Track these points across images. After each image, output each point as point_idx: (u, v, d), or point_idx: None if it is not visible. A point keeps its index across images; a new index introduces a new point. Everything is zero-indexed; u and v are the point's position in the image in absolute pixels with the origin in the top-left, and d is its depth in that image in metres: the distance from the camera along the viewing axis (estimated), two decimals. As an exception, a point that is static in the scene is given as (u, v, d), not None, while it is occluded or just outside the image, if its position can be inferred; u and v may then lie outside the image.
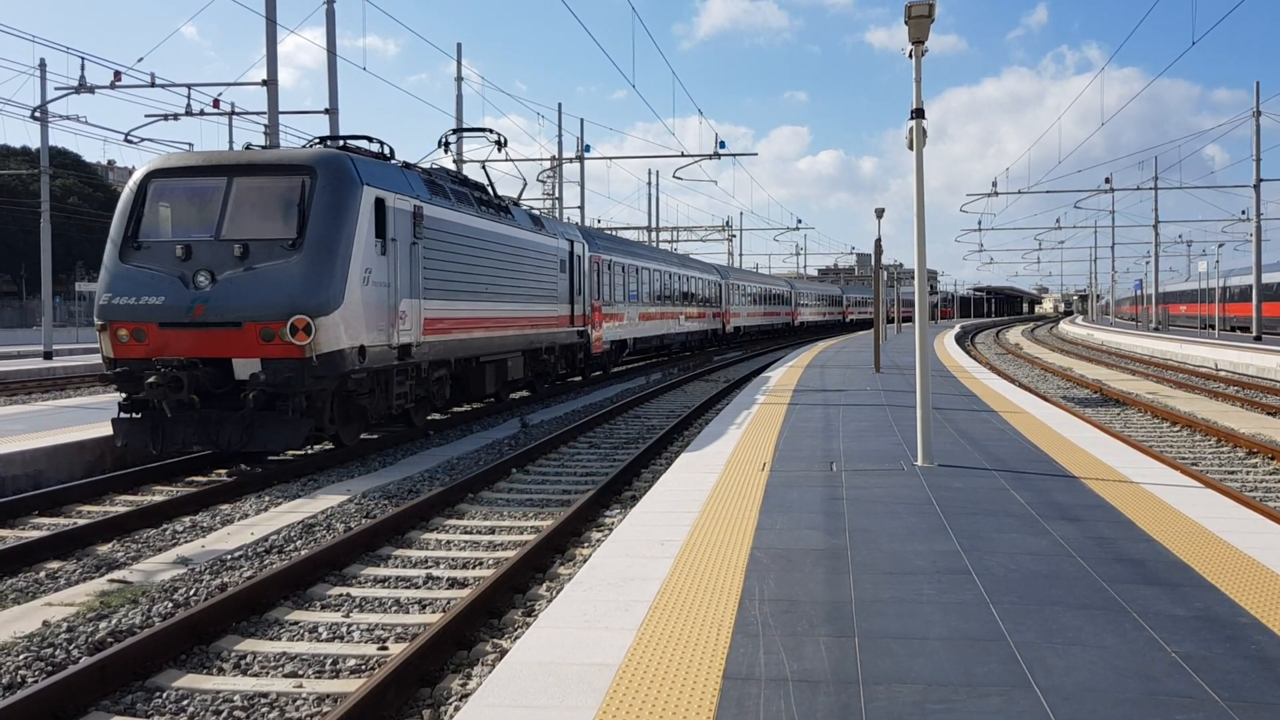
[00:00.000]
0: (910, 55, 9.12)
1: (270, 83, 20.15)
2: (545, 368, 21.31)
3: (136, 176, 12.70)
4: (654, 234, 55.20)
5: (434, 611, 6.92)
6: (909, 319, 59.22)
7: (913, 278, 10.94)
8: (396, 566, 8.14)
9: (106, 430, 12.19)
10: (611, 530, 7.75)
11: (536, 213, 21.78)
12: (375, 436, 14.96)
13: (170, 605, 7.03)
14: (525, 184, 22.25)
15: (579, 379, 25.38)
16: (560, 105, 42.58)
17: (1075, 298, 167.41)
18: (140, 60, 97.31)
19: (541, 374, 21.57)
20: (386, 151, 14.60)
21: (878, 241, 25.67)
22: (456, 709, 5.16)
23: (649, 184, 54.26)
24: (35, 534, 9.09)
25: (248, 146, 15.48)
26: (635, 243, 38.69)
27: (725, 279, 44.27)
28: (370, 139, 14.57)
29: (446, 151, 20.62)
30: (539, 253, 19.81)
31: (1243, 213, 53.14)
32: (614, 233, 52.17)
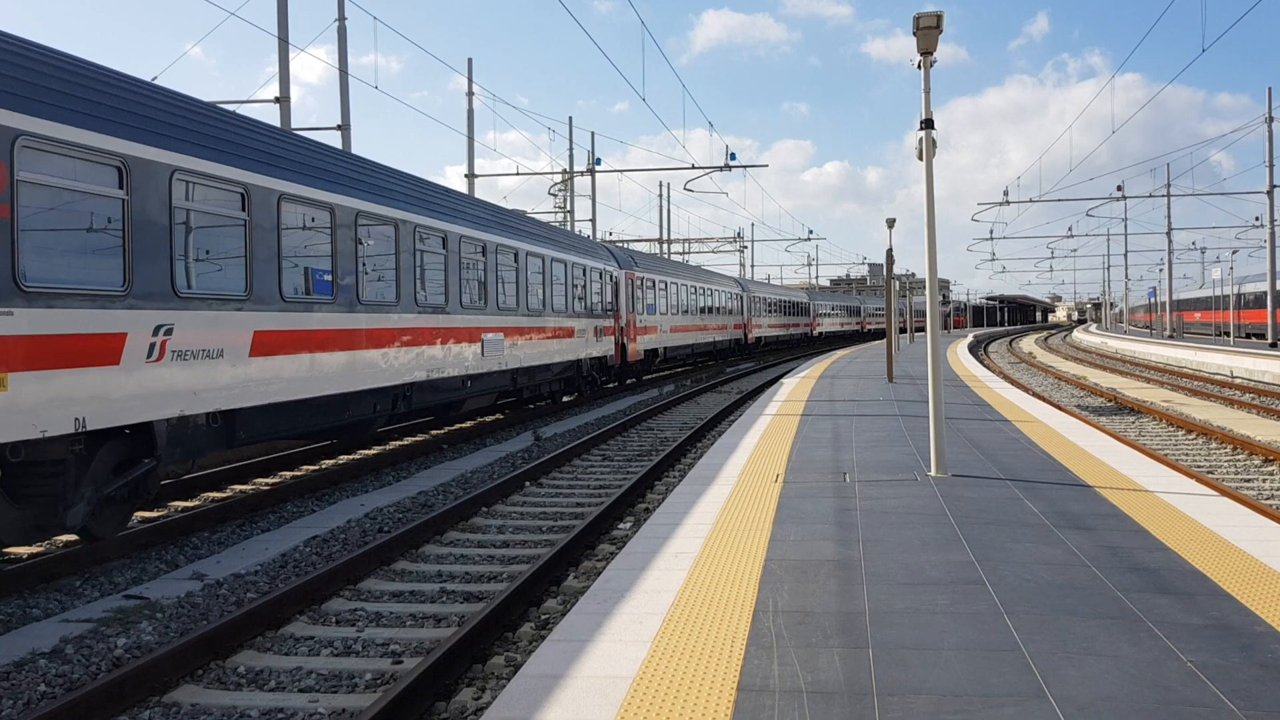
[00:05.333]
0: (919, 66, 9.14)
1: (283, 100, 20.29)
2: None
3: None
4: (666, 246, 55.14)
5: (448, 625, 6.94)
6: (921, 328, 58.97)
7: (924, 287, 10.92)
8: (411, 580, 8.17)
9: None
10: (624, 543, 7.75)
11: None
12: (389, 449, 15.02)
13: (186, 621, 7.08)
14: None
15: None
16: (571, 119, 42.45)
17: (1089, 306, 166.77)
18: (154, 79, 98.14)
19: None
20: None
21: (889, 251, 25.62)
22: (471, 723, 5.17)
23: (660, 196, 54.32)
24: (54, 551, 9.14)
25: None
26: (287, 134, 12.84)
27: (628, 271, 27.58)
28: None
29: None
30: None
31: (1256, 219, 53.06)
32: (627, 247, 47.35)
